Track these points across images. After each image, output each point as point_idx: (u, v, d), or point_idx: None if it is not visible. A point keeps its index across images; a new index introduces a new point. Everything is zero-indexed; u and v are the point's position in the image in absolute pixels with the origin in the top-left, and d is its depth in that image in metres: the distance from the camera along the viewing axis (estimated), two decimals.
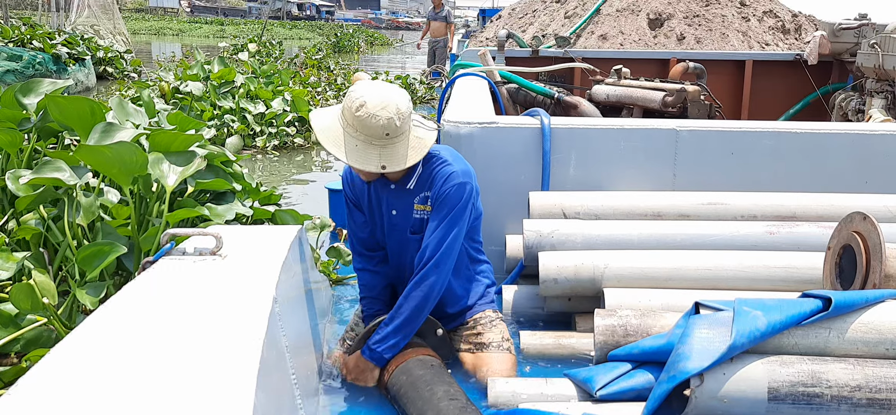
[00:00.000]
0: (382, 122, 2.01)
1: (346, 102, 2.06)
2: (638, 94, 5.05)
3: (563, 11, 9.11)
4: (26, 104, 2.46)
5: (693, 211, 2.87)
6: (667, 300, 2.40)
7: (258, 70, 7.90)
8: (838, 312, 1.81)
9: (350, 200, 2.40)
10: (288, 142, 6.98)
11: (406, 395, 2.02)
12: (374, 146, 2.04)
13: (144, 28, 35.54)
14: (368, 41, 32.93)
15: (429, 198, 2.25)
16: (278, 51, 19.04)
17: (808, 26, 8.44)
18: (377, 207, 2.34)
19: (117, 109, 2.63)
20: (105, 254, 1.97)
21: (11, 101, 2.48)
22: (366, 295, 2.43)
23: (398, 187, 2.27)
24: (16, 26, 12.15)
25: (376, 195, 2.32)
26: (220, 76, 6.81)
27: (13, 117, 2.42)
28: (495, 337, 2.37)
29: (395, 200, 2.28)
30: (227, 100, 6.78)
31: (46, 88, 2.57)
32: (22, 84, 2.60)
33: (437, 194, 2.21)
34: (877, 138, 3.13)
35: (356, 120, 2.02)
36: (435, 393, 1.94)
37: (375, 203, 2.34)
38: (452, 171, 2.21)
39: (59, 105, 2.29)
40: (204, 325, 1.46)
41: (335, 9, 65.96)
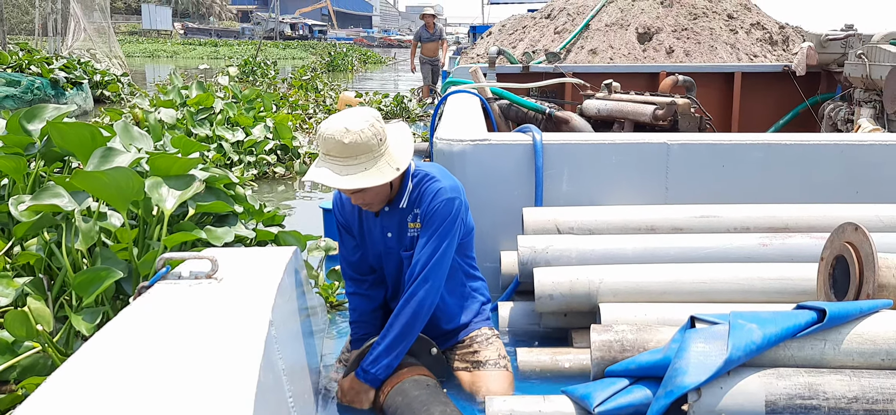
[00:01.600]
0: (335, 138, 2.02)
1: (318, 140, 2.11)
2: (628, 108, 5.09)
3: (553, 27, 9.18)
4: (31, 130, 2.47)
5: (686, 224, 2.89)
6: (662, 314, 2.41)
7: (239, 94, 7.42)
8: (833, 323, 1.82)
9: (340, 225, 2.40)
10: (267, 172, 6.51)
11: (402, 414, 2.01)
12: (340, 164, 2.04)
13: (138, 51, 35.56)
14: (362, 60, 33.05)
15: (415, 215, 2.26)
16: (274, 70, 19.06)
17: (795, 38, 8.54)
18: (369, 232, 2.34)
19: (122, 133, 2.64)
20: (101, 279, 1.97)
21: (17, 127, 2.50)
22: (356, 319, 2.43)
23: (391, 209, 2.28)
24: (14, 52, 12.15)
25: (369, 220, 2.33)
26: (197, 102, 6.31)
27: (20, 143, 2.44)
28: (492, 355, 2.37)
29: (389, 222, 2.29)
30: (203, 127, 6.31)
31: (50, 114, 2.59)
32: (27, 110, 2.62)
33: (426, 211, 2.22)
34: (866, 148, 3.16)
35: (320, 141, 2.06)
36: (431, 414, 1.94)
37: (368, 228, 2.34)
38: (440, 186, 2.23)
39: (59, 131, 2.30)
40: (200, 349, 1.45)
41: (327, 28, 66.24)
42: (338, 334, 2.90)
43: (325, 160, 2.06)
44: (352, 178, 2.03)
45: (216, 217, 2.63)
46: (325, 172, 2.04)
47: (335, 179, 2.03)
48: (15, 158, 2.32)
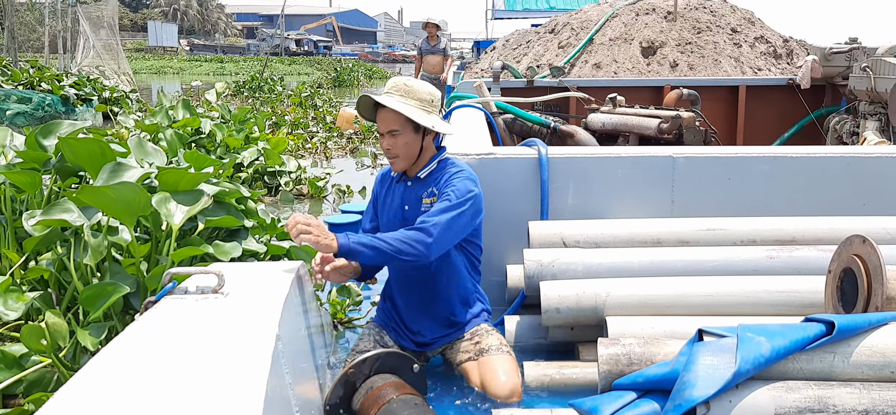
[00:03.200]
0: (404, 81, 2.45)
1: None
2: (633, 122, 5.10)
3: (557, 41, 9.22)
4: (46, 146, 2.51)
5: (692, 237, 2.88)
6: (669, 327, 2.40)
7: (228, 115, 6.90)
8: (842, 336, 1.81)
9: (374, 196, 2.69)
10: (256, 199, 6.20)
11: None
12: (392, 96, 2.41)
13: (145, 67, 35.77)
14: (367, 75, 33.20)
15: (433, 192, 2.48)
16: (281, 86, 19.06)
17: (799, 51, 8.55)
18: (390, 204, 2.58)
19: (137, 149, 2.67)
20: (108, 294, 1.98)
21: (33, 143, 2.54)
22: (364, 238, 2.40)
23: (413, 182, 2.53)
24: (25, 69, 12.27)
25: (393, 193, 2.58)
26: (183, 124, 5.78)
27: (37, 158, 2.47)
28: (494, 342, 2.50)
29: (408, 195, 2.53)
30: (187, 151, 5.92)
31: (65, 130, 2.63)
32: (43, 126, 2.66)
33: (445, 182, 2.46)
34: (872, 161, 3.15)
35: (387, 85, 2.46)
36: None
37: (390, 199, 2.59)
38: (464, 171, 2.51)
39: (71, 146, 2.33)
40: (207, 363, 1.45)
41: (332, 44, 66.65)
42: (344, 349, 2.89)
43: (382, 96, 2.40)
44: (394, 100, 2.39)
45: (228, 232, 2.64)
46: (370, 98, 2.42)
47: (382, 97, 2.40)
48: (30, 173, 2.35)
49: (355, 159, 8.54)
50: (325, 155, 8.82)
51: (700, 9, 9.17)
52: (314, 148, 9.04)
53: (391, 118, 2.41)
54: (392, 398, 2.06)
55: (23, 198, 2.53)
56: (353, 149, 9.17)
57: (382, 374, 2.20)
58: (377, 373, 2.20)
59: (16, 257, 2.28)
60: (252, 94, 17.93)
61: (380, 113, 2.45)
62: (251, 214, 2.78)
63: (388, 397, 2.07)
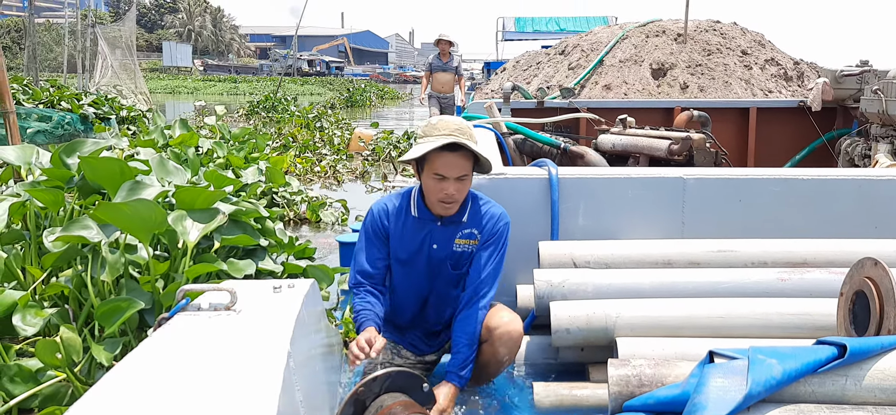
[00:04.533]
0: (456, 121, 2.40)
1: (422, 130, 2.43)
2: (643, 143, 5.10)
3: (567, 63, 9.26)
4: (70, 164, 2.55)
5: (703, 259, 2.88)
6: (680, 349, 2.39)
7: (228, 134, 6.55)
8: (854, 359, 1.80)
9: (375, 232, 2.55)
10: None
11: None
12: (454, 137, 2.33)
13: (160, 87, 36.15)
14: (379, 95, 33.41)
15: (474, 234, 2.51)
16: (295, 105, 19.10)
17: (810, 73, 8.54)
18: (408, 241, 2.52)
19: (158, 167, 2.70)
20: (123, 310, 2.00)
21: (58, 161, 2.59)
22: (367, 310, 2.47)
23: (446, 221, 2.49)
24: (45, 88, 12.44)
25: (411, 229, 2.52)
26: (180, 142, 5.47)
27: (62, 176, 2.51)
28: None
29: (439, 234, 2.50)
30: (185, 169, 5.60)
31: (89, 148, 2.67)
32: (67, 144, 2.71)
33: (492, 231, 2.51)
34: (884, 183, 3.14)
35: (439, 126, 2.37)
36: None
37: (409, 236, 2.52)
38: (501, 210, 2.56)
39: (90, 165, 2.37)
40: (219, 380, 1.46)
41: (344, 65, 67.19)
42: (353, 371, 2.89)
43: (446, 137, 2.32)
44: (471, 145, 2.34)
45: (245, 250, 2.66)
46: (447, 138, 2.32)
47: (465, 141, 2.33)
48: (53, 191, 2.39)
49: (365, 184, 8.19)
50: (336, 179, 8.47)
51: (710, 31, 9.20)
52: (323, 172, 8.70)
53: (464, 164, 2.37)
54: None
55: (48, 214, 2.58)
56: (362, 172, 8.85)
57: (392, 393, 2.19)
58: (387, 391, 2.19)
59: (38, 273, 2.32)
60: (267, 113, 18.03)
61: (449, 158, 2.35)
62: (268, 234, 2.81)
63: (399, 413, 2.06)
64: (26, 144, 2.89)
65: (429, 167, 2.39)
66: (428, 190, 2.43)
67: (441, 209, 2.45)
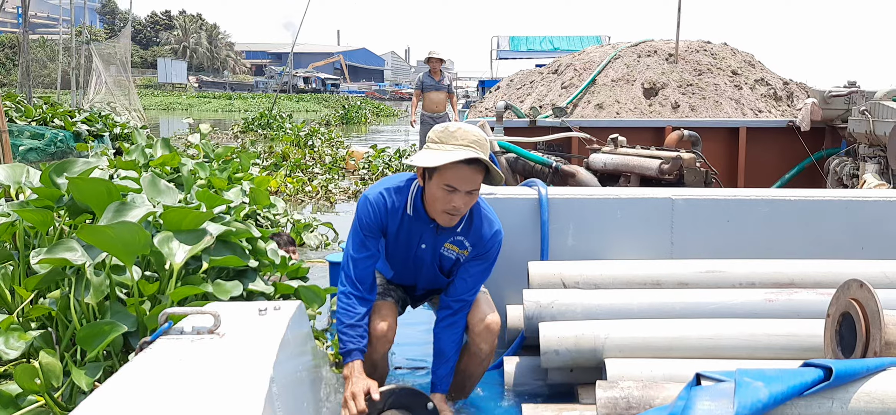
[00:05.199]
0: (476, 132, 2.27)
1: (436, 135, 2.29)
2: (635, 162, 5.12)
3: (560, 82, 9.31)
4: (60, 184, 2.51)
5: (692, 279, 2.88)
6: (668, 370, 2.38)
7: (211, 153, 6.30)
8: (840, 381, 1.79)
9: (371, 228, 2.42)
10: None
11: None
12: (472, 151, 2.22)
13: (154, 104, 36.10)
14: (375, 112, 33.47)
15: (465, 244, 2.46)
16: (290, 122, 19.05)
17: (799, 93, 8.62)
18: (403, 239, 2.46)
19: (149, 187, 2.66)
20: (105, 333, 1.98)
21: (48, 180, 2.56)
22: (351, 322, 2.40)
23: (442, 227, 2.41)
24: (38, 105, 12.40)
25: (407, 230, 2.45)
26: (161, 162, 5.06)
27: (52, 196, 2.48)
28: None
29: (429, 236, 2.44)
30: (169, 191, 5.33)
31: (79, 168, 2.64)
32: (57, 164, 2.67)
33: (485, 244, 2.46)
34: (871, 204, 3.15)
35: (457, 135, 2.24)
36: None
37: (404, 234, 2.45)
38: (496, 227, 2.49)
39: (77, 185, 2.34)
40: (199, 406, 1.45)
41: (340, 81, 67.38)
42: (340, 393, 2.86)
43: (461, 148, 2.22)
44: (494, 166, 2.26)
45: (236, 272, 2.63)
46: (471, 151, 2.21)
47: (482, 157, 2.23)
48: (42, 211, 2.36)
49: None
50: (329, 200, 8.15)
51: (701, 51, 9.27)
52: (315, 192, 8.35)
53: (477, 178, 2.26)
54: None
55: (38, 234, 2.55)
56: (356, 192, 8.60)
57: (396, 410, 2.23)
58: (391, 408, 2.22)
59: (27, 294, 2.30)
60: (262, 130, 17.99)
61: (465, 172, 2.24)
62: (259, 254, 2.78)
63: None
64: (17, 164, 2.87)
65: (439, 177, 2.26)
66: (433, 198, 2.31)
67: (444, 220, 2.34)
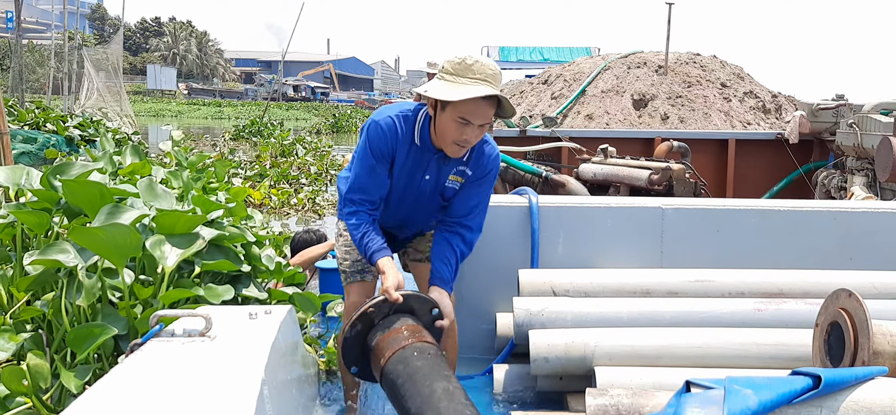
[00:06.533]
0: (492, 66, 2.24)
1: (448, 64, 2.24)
2: (624, 173, 5.16)
3: (550, 92, 9.36)
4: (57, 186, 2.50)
5: (681, 288, 2.89)
6: (658, 378, 2.39)
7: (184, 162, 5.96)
8: (829, 390, 1.81)
9: (382, 153, 2.37)
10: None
11: (403, 387, 1.95)
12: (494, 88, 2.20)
13: (144, 110, 35.85)
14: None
15: (466, 173, 2.45)
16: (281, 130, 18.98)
17: (787, 106, 8.71)
18: (408, 168, 2.41)
19: (145, 191, 2.65)
20: (95, 335, 1.97)
21: (46, 182, 2.55)
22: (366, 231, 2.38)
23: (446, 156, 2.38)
24: (30, 110, 12.30)
25: (413, 158, 2.40)
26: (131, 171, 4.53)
27: (50, 198, 2.47)
28: None
29: (434, 167, 2.41)
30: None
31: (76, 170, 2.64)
32: (55, 166, 2.66)
33: (485, 169, 2.46)
34: (859, 215, 3.19)
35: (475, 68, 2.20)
36: (434, 391, 1.88)
37: (410, 163, 2.40)
38: (496, 151, 2.51)
39: (70, 188, 2.33)
40: (190, 408, 1.44)
41: (330, 90, 67.34)
42: (334, 398, 2.86)
43: (479, 83, 2.19)
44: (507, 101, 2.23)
45: (231, 277, 2.62)
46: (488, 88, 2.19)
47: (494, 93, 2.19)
48: (39, 213, 2.35)
49: None
50: (316, 212, 7.82)
51: (690, 63, 9.36)
52: (301, 204, 8.06)
53: (490, 112, 2.24)
54: (408, 344, 2.05)
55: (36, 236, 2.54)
56: None
57: (401, 314, 2.19)
58: (396, 313, 2.19)
59: (22, 296, 2.29)
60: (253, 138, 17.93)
61: (481, 106, 2.21)
62: (254, 259, 2.77)
63: (405, 342, 2.06)
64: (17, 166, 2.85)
65: (454, 109, 2.21)
66: (444, 130, 2.27)
67: (453, 151, 2.31)
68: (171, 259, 2.30)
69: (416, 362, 1.99)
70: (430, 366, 1.98)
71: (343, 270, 2.61)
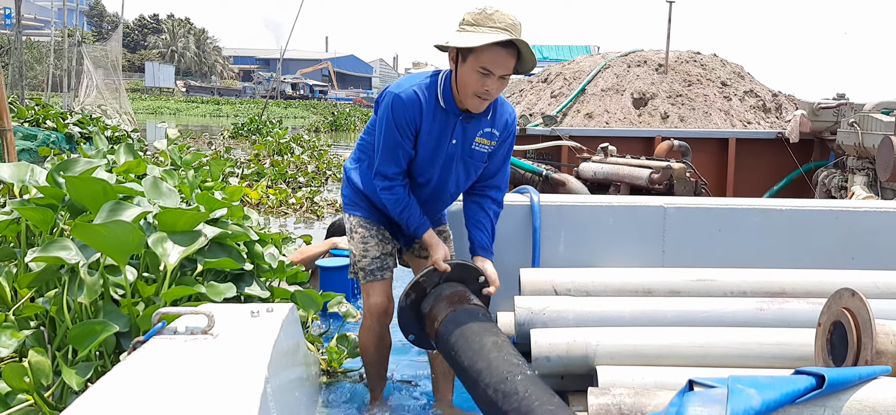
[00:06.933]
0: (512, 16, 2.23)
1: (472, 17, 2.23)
2: (625, 172, 5.15)
3: (550, 91, 9.35)
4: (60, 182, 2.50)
5: (683, 287, 2.89)
6: (660, 378, 2.39)
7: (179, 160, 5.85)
8: (832, 389, 1.81)
9: (406, 127, 2.36)
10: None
11: (457, 344, 2.16)
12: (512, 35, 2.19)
13: (142, 108, 35.74)
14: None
15: (494, 134, 2.46)
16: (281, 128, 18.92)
17: (788, 105, 8.71)
18: (432, 134, 2.39)
19: (150, 189, 2.64)
20: (97, 333, 1.96)
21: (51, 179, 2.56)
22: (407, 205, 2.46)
23: (470, 116, 2.40)
24: (30, 106, 12.28)
25: (437, 123, 2.38)
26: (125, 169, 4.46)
27: (55, 195, 2.47)
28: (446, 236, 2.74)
29: (460, 130, 2.41)
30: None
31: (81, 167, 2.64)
32: (60, 163, 2.67)
33: (509, 131, 2.50)
34: (861, 215, 3.19)
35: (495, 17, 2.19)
36: (484, 344, 2.10)
37: (435, 130, 2.39)
38: (512, 108, 2.55)
39: (73, 184, 2.33)
40: (193, 405, 1.44)
41: (328, 88, 67.28)
42: (335, 397, 2.85)
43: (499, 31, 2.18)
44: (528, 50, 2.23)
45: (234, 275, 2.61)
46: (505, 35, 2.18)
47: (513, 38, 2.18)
48: (43, 209, 2.35)
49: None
50: (315, 212, 7.69)
51: (691, 62, 9.36)
52: (299, 204, 7.96)
53: (511, 62, 2.23)
54: (459, 307, 2.28)
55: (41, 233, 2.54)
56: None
57: (450, 282, 2.41)
58: (446, 281, 2.41)
59: (26, 292, 2.29)
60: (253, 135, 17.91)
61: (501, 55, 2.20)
62: (257, 258, 2.77)
63: (455, 305, 2.28)
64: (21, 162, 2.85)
65: (475, 59, 2.21)
66: (465, 83, 2.26)
67: (474, 104, 2.30)
68: (173, 257, 2.29)
69: (467, 322, 2.21)
70: (479, 325, 2.21)
71: (361, 269, 2.58)
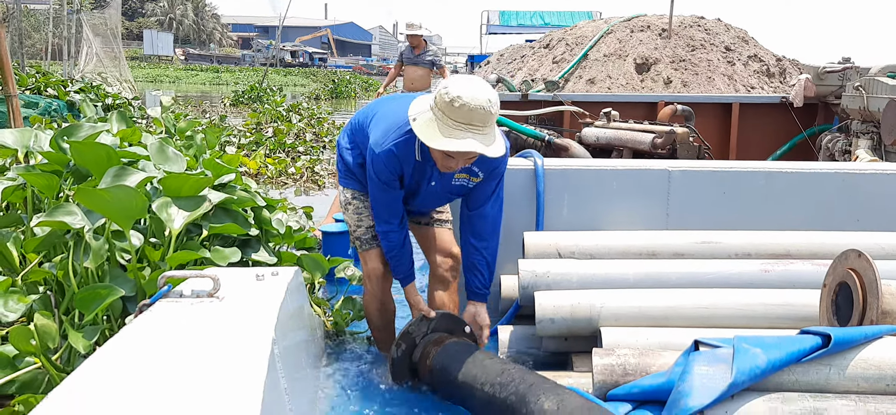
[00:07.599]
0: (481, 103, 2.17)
1: (439, 97, 2.21)
2: (627, 136, 5.12)
3: (551, 56, 9.26)
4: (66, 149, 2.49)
5: (687, 250, 2.89)
6: (664, 339, 2.40)
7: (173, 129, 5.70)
8: (838, 348, 1.81)
9: (389, 178, 2.45)
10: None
11: (450, 364, 2.33)
12: (481, 134, 2.20)
13: (141, 76, 35.36)
14: (364, 87, 33.20)
15: (475, 171, 2.49)
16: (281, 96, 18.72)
17: (792, 70, 8.63)
18: (416, 177, 2.50)
19: (156, 154, 2.62)
20: (102, 297, 1.96)
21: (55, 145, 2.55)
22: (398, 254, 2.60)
23: None
24: (31, 74, 12.18)
25: (418, 172, 2.48)
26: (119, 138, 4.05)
27: (60, 160, 2.47)
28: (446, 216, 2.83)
29: (437, 174, 2.48)
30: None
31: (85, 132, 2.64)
32: (64, 128, 2.66)
33: (497, 173, 2.54)
34: (866, 177, 3.17)
35: (454, 110, 2.17)
36: (477, 356, 2.31)
37: (417, 174, 2.49)
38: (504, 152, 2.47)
39: (78, 149, 2.33)
40: (202, 366, 1.44)
41: (327, 56, 66.74)
42: (340, 358, 2.86)
43: (467, 130, 2.18)
44: (492, 147, 2.23)
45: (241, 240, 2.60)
46: (472, 142, 2.19)
47: (484, 149, 2.20)
48: (48, 175, 2.34)
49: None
50: (316, 182, 7.53)
51: (694, 27, 9.25)
52: (299, 174, 7.72)
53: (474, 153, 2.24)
54: (447, 342, 2.45)
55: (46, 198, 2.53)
56: None
57: (439, 332, 2.55)
58: (434, 331, 2.54)
59: (34, 257, 2.30)
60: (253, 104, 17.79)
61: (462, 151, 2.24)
62: (264, 223, 2.76)
63: (444, 341, 2.46)
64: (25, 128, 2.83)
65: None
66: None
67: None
68: (177, 221, 2.29)
69: (458, 348, 2.40)
70: (470, 347, 2.42)
71: (357, 239, 2.70)
